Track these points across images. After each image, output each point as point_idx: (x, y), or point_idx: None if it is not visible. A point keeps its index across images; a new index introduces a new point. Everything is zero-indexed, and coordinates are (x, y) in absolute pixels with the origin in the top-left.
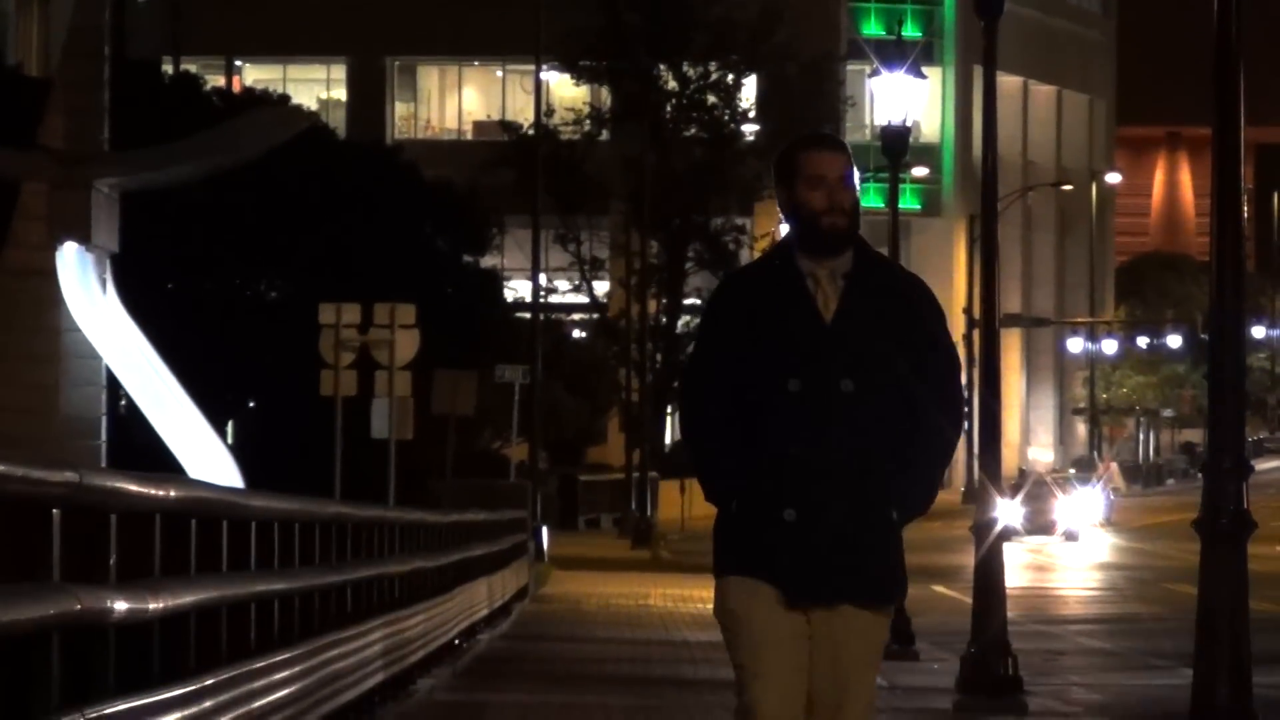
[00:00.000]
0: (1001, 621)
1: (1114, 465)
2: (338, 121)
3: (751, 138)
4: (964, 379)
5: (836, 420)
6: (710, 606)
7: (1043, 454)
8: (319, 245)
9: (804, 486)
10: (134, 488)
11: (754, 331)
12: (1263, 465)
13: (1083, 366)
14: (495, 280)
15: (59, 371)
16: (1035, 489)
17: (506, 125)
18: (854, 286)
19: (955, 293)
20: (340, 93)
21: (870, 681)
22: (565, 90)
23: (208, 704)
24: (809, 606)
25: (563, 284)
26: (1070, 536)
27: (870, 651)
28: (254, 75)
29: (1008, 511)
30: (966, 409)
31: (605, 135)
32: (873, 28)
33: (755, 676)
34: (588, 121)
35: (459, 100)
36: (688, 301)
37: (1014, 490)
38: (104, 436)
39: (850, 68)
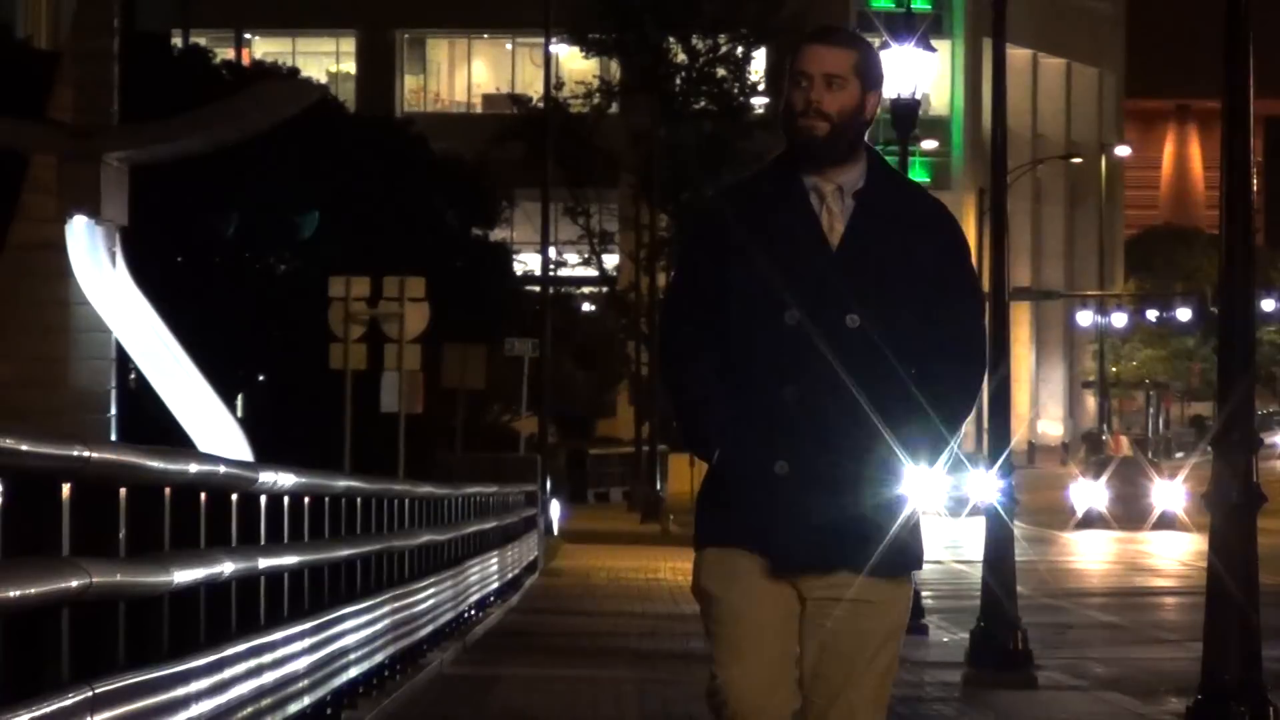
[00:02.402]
0: (1011, 595)
1: (1124, 439)
2: (347, 95)
3: (761, 110)
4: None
5: (839, 359)
6: None
7: (1052, 427)
8: (328, 219)
9: (799, 435)
10: (143, 461)
11: (746, 253)
12: (1272, 439)
13: (1092, 340)
14: (504, 253)
15: (68, 344)
16: (1125, 469)
17: (516, 98)
18: (864, 207)
19: None
20: (350, 66)
21: (879, 668)
22: (574, 63)
23: (217, 678)
24: (800, 575)
25: (572, 257)
26: (1165, 524)
27: (878, 631)
28: (263, 48)
29: (1091, 495)
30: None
31: (615, 108)
32: (882, 0)
33: (731, 661)
34: (597, 94)
35: (468, 73)
36: None
37: (1098, 469)
38: (113, 410)
39: None
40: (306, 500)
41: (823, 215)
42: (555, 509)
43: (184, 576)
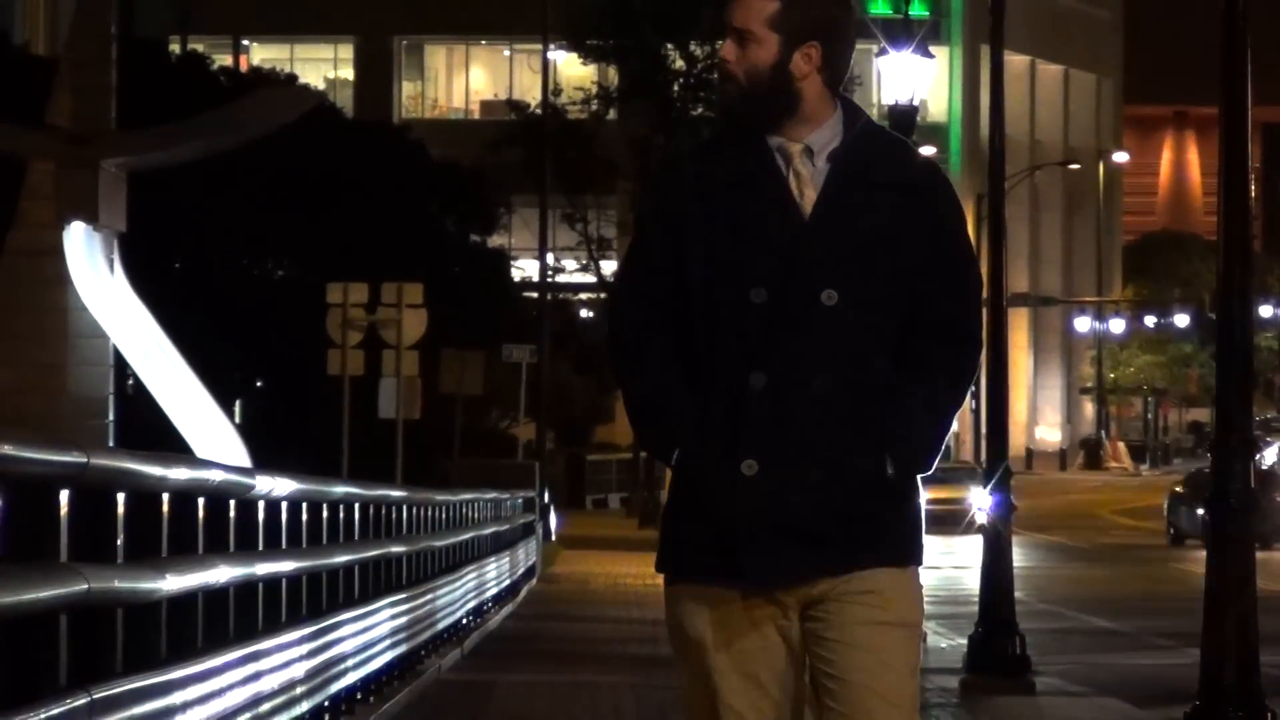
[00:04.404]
0: (1009, 601)
1: (1120, 445)
2: (345, 101)
3: None
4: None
5: (813, 341)
6: None
7: (1050, 433)
8: (326, 225)
9: (768, 429)
10: (141, 468)
11: (706, 222)
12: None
13: (1090, 346)
14: (503, 260)
15: (66, 351)
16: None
17: (514, 104)
18: (840, 169)
19: None
20: (348, 72)
21: (898, 666)
22: (572, 69)
23: (214, 684)
24: (780, 593)
25: (570, 263)
26: None
27: (888, 621)
28: (261, 55)
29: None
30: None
31: (613, 114)
32: (880, 6)
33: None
34: (595, 101)
35: (466, 80)
36: None
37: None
38: (111, 416)
39: (857, 47)
40: (304, 506)
41: (790, 179)
42: (553, 515)
43: (182, 582)
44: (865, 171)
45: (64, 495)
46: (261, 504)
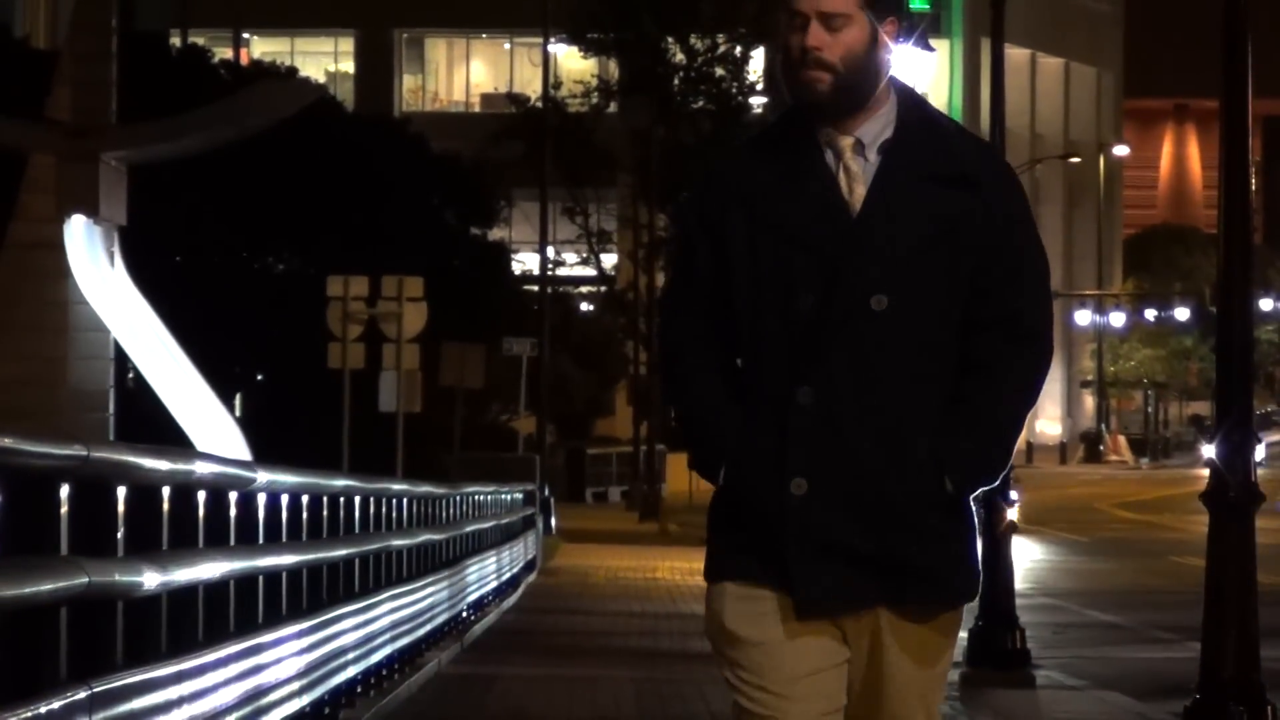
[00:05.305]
0: (1009, 595)
1: (1120, 438)
2: (346, 94)
3: (759, 110)
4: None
5: (863, 350)
6: None
7: (1050, 427)
8: (327, 218)
9: (818, 445)
10: (142, 461)
11: (752, 229)
12: (1271, 438)
13: (1091, 339)
14: (503, 253)
15: (67, 344)
16: None
17: (514, 98)
18: (892, 163)
19: None
20: (348, 65)
21: (929, 708)
22: (573, 62)
23: (215, 677)
24: (833, 618)
25: (570, 257)
26: None
27: (932, 671)
28: (262, 48)
29: None
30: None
31: (613, 108)
32: None
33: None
34: (595, 94)
35: (467, 73)
36: None
37: None
38: (112, 409)
39: None
40: (304, 499)
41: (840, 176)
42: (553, 508)
43: (182, 575)
44: (917, 164)
45: (64, 488)
46: (261, 497)
